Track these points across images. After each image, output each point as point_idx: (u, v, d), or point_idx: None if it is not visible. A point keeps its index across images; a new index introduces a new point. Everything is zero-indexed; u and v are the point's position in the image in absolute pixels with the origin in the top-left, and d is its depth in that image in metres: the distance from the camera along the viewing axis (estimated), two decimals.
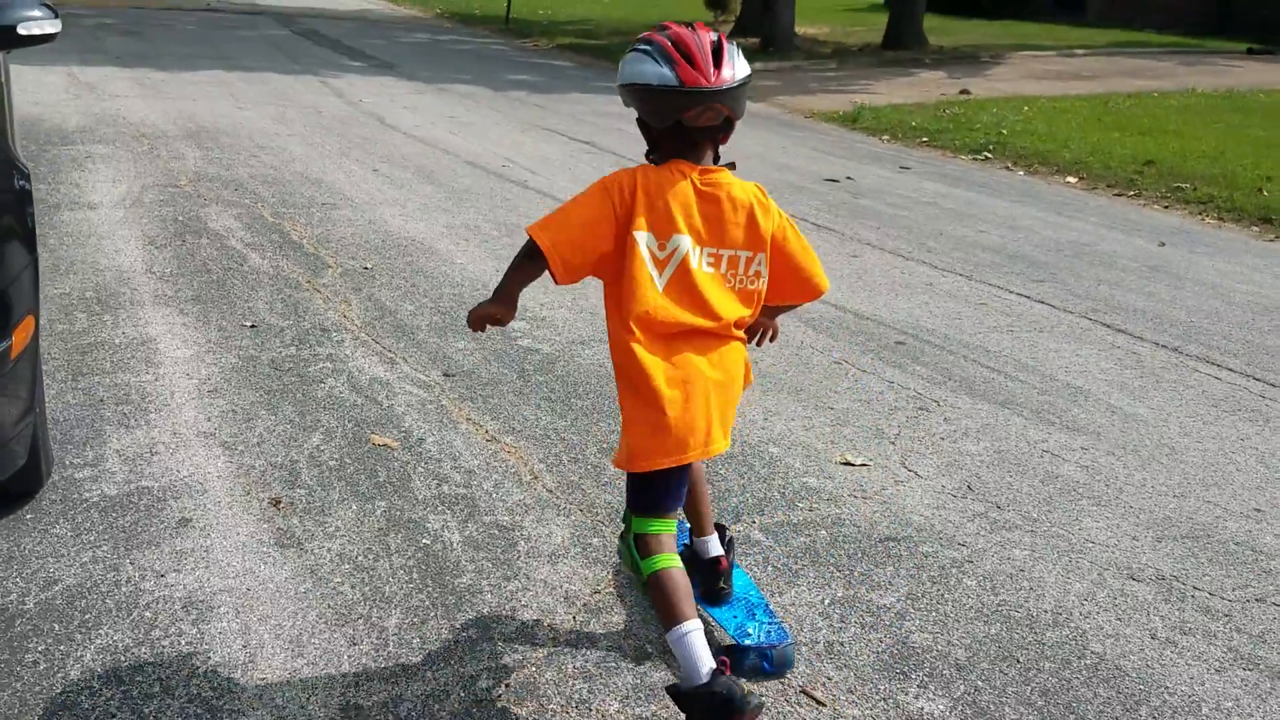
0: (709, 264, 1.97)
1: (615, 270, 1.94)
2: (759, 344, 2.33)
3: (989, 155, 9.61)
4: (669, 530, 2.02)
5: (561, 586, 2.44)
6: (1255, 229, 7.24)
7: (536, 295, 4.65)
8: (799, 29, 18.53)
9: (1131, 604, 2.52)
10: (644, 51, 1.94)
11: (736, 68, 1.92)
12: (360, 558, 2.48)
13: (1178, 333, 4.75)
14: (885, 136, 10.60)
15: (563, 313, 4.46)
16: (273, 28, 16.36)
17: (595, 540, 2.65)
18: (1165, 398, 3.94)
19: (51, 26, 3.16)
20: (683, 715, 1.87)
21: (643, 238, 1.91)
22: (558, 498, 2.86)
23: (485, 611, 2.31)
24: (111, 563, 2.38)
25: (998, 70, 16.72)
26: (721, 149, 2.03)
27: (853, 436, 3.40)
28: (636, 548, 2.03)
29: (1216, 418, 3.78)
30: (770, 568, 2.57)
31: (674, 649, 1.91)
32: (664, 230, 1.92)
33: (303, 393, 3.42)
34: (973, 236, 6.42)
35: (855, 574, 2.56)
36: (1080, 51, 19.53)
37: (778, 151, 9.22)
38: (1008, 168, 9.18)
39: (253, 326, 3.96)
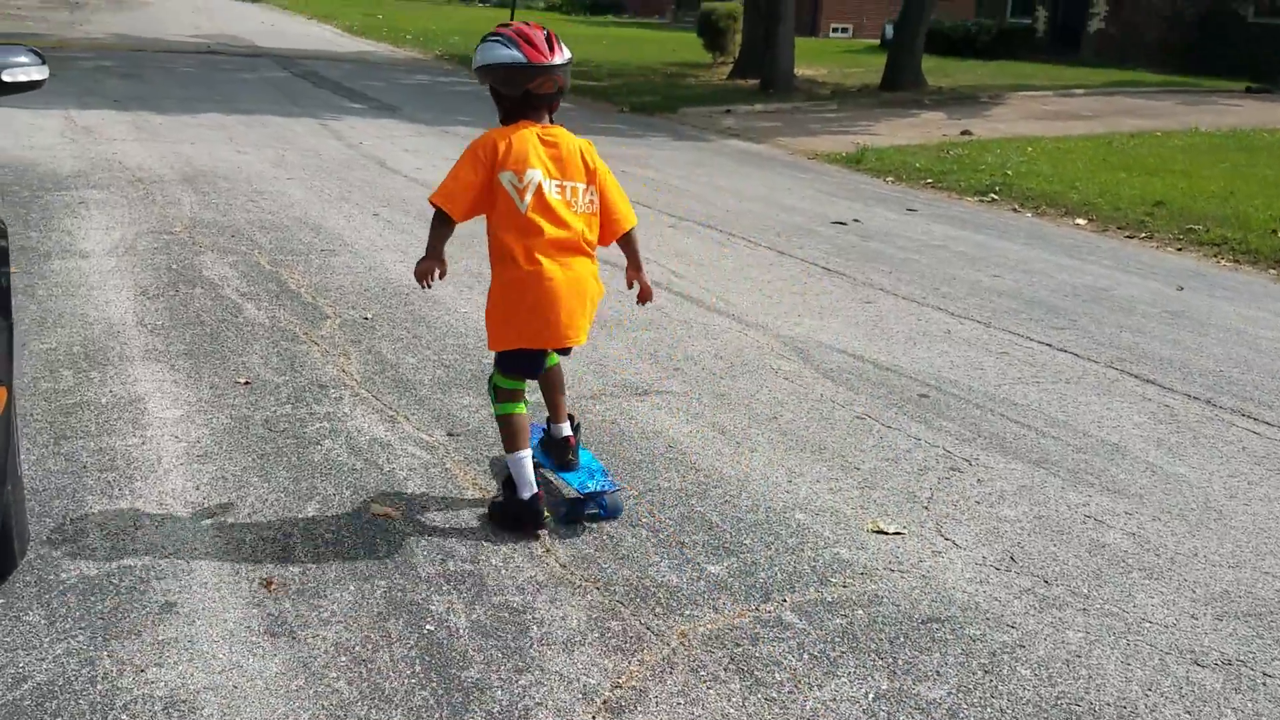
0: (556, 191, 2.77)
1: (491, 204, 2.77)
2: (640, 302, 3.22)
3: (995, 197, 9.49)
4: (519, 388, 2.93)
5: (579, 680, 2.23)
6: (1273, 272, 7.10)
7: None
8: (797, 70, 18.54)
9: (1199, 694, 2.31)
10: (497, 41, 2.71)
11: (564, 52, 2.75)
12: (358, 648, 2.28)
13: (1208, 383, 4.57)
14: (889, 178, 10.50)
15: (571, 364, 4.28)
16: (272, 70, 16.33)
17: (614, 624, 2.44)
18: (1205, 455, 3.75)
19: (38, 73, 3.00)
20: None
21: (505, 176, 2.73)
22: (571, 573, 2.66)
23: (495, 710, 2.11)
24: (88, 655, 2.17)
25: (998, 110, 16.70)
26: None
27: (883, 500, 3.21)
28: (495, 395, 2.92)
29: (1262, 477, 3.59)
30: (805, 655, 2.36)
31: (511, 468, 2.82)
32: (519, 168, 2.73)
33: (298, 456, 3.23)
34: (987, 281, 6.26)
35: (899, 662, 2.36)
36: (1078, 91, 19.56)
37: (783, 193, 9.10)
38: (1015, 209, 9.05)
39: (246, 383, 3.77)
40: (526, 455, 2.82)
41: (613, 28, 35.30)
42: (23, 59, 2.98)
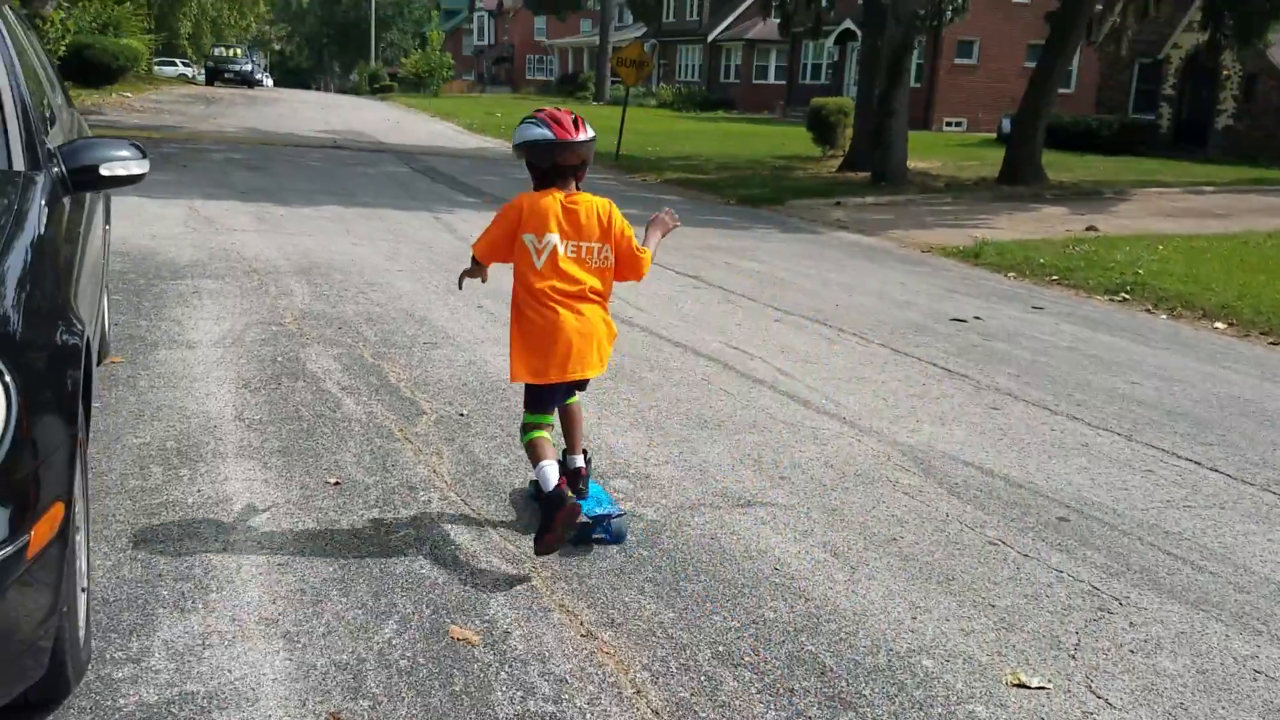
0: (571, 251, 3.21)
1: (514, 257, 3.26)
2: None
3: (1127, 296, 8.97)
4: (544, 420, 3.32)
5: None
6: None
7: (641, 449, 4.25)
8: (910, 163, 18.29)
9: None
10: (532, 122, 3.20)
11: (588, 131, 3.22)
12: None
13: None
14: (1011, 274, 10.08)
15: (669, 469, 4.04)
16: (393, 165, 16.90)
17: None
18: None
19: (138, 167, 2.97)
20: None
21: (527, 238, 3.21)
22: None
23: None
24: None
25: (1123, 207, 16.09)
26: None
27: (1023, 646, 2.83)
28: (524, 430, 3.32)
29: None
30: None
31: (538, 475, 3.17)
32: (539, 231, 3.19)
33: (380, 568, 3.04)
34: (1124, 388, 5.80)
35: None
36: (1207, 188, 18.77)
37: (896, 288, 8.79)
38: (1149, 310, 8.52)
39: (337, 483, 3.64)
40: (550, 463, 3.19)
41: (723, 123, 35.80)
42: (123, 153, 2.96)
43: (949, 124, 35.55)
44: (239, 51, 53.39)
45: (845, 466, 4.23)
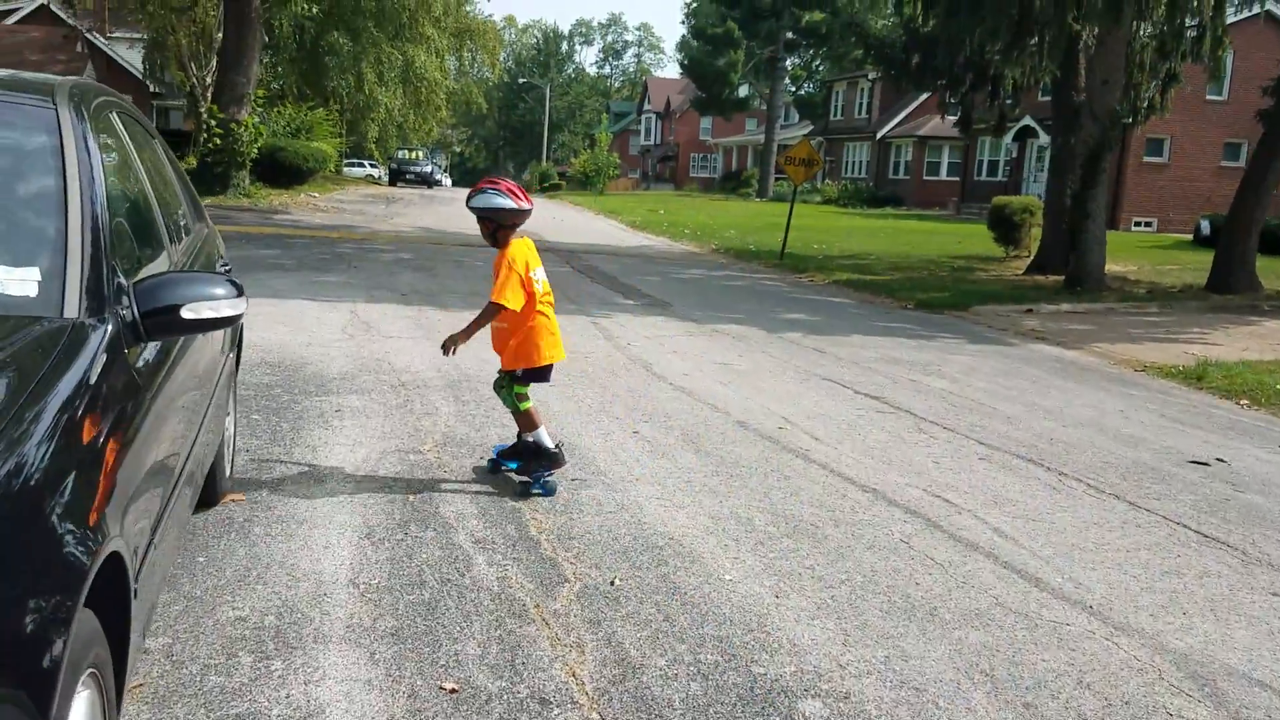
0: (540, 275, 4.75)
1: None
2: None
3: None
4: (528, 391, 4.84)
5: None
6: None
7: (834, 648, 3.36)
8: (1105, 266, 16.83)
9: None
10: (496, 192, 4.59)
11: (530, 199, 4.71)
12: None
13: None
14: (1244, 401, 8.69)
15: (874, 686, 3.14)
16: (554, 264, 16.72)
17: None
18: None
19: (230, 309, 2.38)
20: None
21: (537, 274, 4.69)
22: None
23: None
24: None
25: None
26: None
27: None
28: (519, 399, 4.80)
29: None
30: None
31: (538, 438, 4.72)
32: (532, 265, 4.68)
33: None
34: None
35: None
36: None
37: (1114, 417, 7.60)
38: None
39: (453, 691, 2.92)
40: (544, 429, 4.78)
41: (892, 219, 34.77)
42: (216, 290, 2.39)
43: (1138, 224, 33.41)
44: (420, 154, 56.28)
45: (1107, 689, 3.22)
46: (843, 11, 52.97)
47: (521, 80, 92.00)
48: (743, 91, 56.49)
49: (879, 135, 46.97)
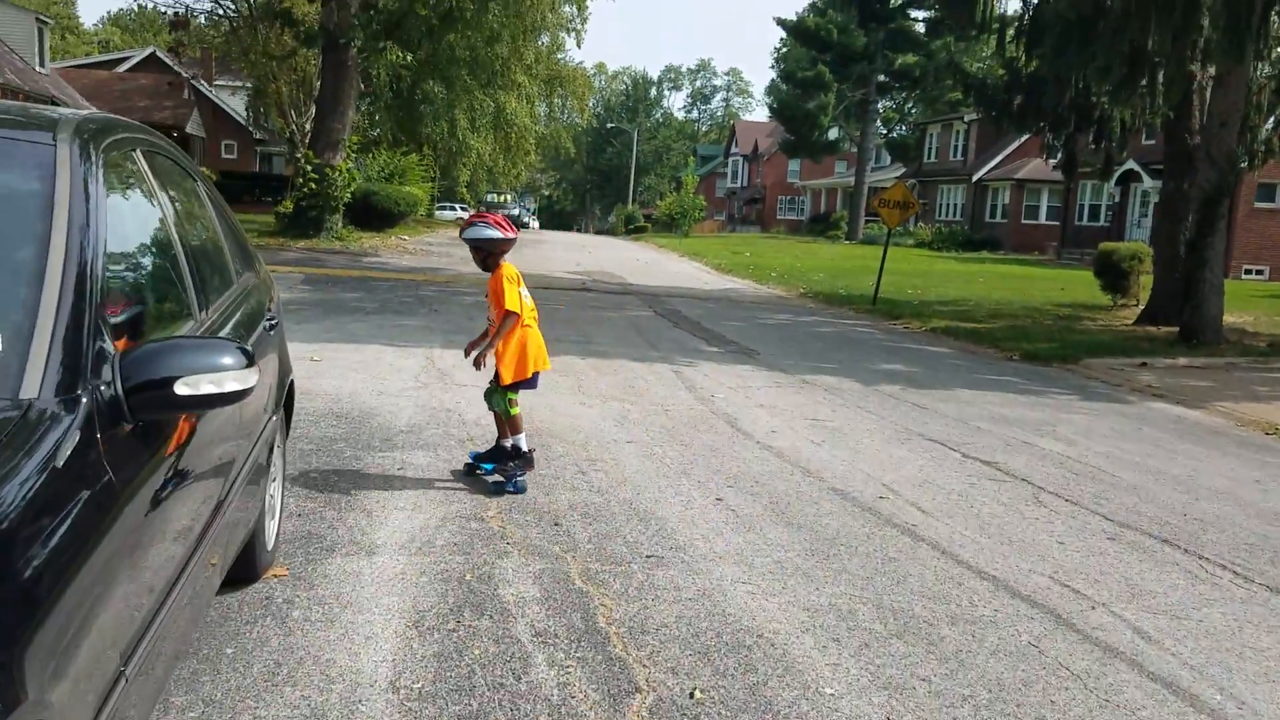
0: (528, 295, 5.41)
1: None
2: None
3: None
4: (519, 398, 5.43)
5: None
6: None
7: None
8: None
9: None
10: (485, 225, 5.26)
11: (515, 230, 5.42)
12: None
13: None
14: None
15: None
16: (637, 308, 16.35)
17: None
18: None
19: (236, 382, 1.95)
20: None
21: (524, 292, 5.35)
22: None
23: None
24: None
25: None
26: None
27: None
28: (510, 404, 5.36)
29: None
30: None
31: (517, 442, 5.31)
32: (521, 284, 5.37)
33: None
34: None
35: None
36: None
37: (1251, 488, 6.79)
38: None
39: None
40: (524, 434, 5.46)
41: (988, 264, 33.66)
42: (222, 359, 1.97)
43: (1248, 271, 31.72)
44: (509, 197, 57.01)
45: None
46: (936, 54, 52.21)
47: (610, 125, 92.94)
48: (832, 134, 55.91)
49: (975, 178, 45.82)
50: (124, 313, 2.24)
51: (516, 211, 55.32)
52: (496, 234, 5.26)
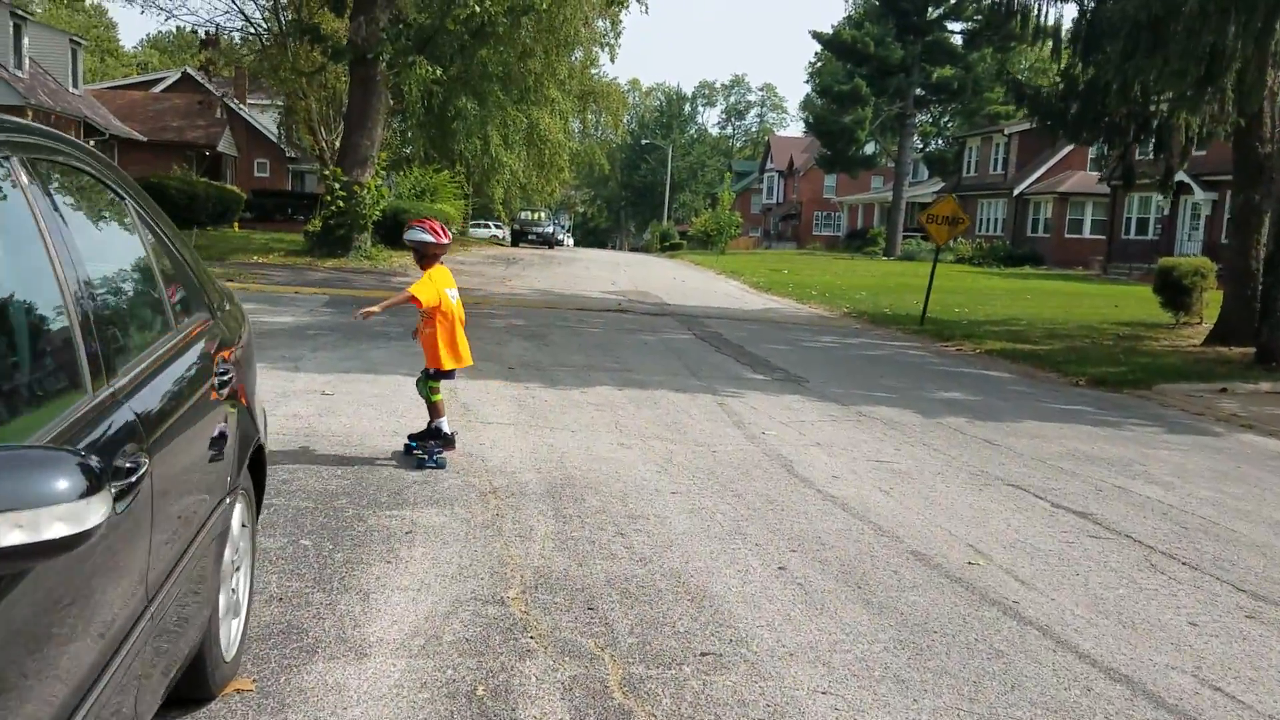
0: (455, 295, 6.17)
1: (439, 302, 6.05)
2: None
3: None
4: (439, 386, 6.22)
5: None
6: None
7: None
8: None
9: None
10: (422, 229, 6.11)
11: (449, 235, 6.27)
12: None
13: None
14: None
15: None
16: (675, 330, 15.55)
17: None
18: None
19: (63, 524, 1.16)
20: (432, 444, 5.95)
21: (448, 291, 6.10)
22: None
23: None
24: None
25: None
26: None
27: None
28: (432, 391, 6.16)
29: None
30: None
31: (440, 424, 6.09)
32: (448, 285, 6.13)
33: None
34: None
35: None
36: None
37: None
38: None
39: None
40: (445, 418, 6.19)
41: (1033, 280, 32.53)
42: (41, 488, 1.18)
43: None
44: (543, 215, 56.42)
45: None
46: (975, 66, 51.09)
47: (644, 141, 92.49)
48: (869, 149, 54.89)
49: (1016, 191, 44.65)
50: None
51: (551, 229, 54.64)
52: (428, 237, 6.09)
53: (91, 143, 34.76)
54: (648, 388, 9.73)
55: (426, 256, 6.10)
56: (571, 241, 74.11)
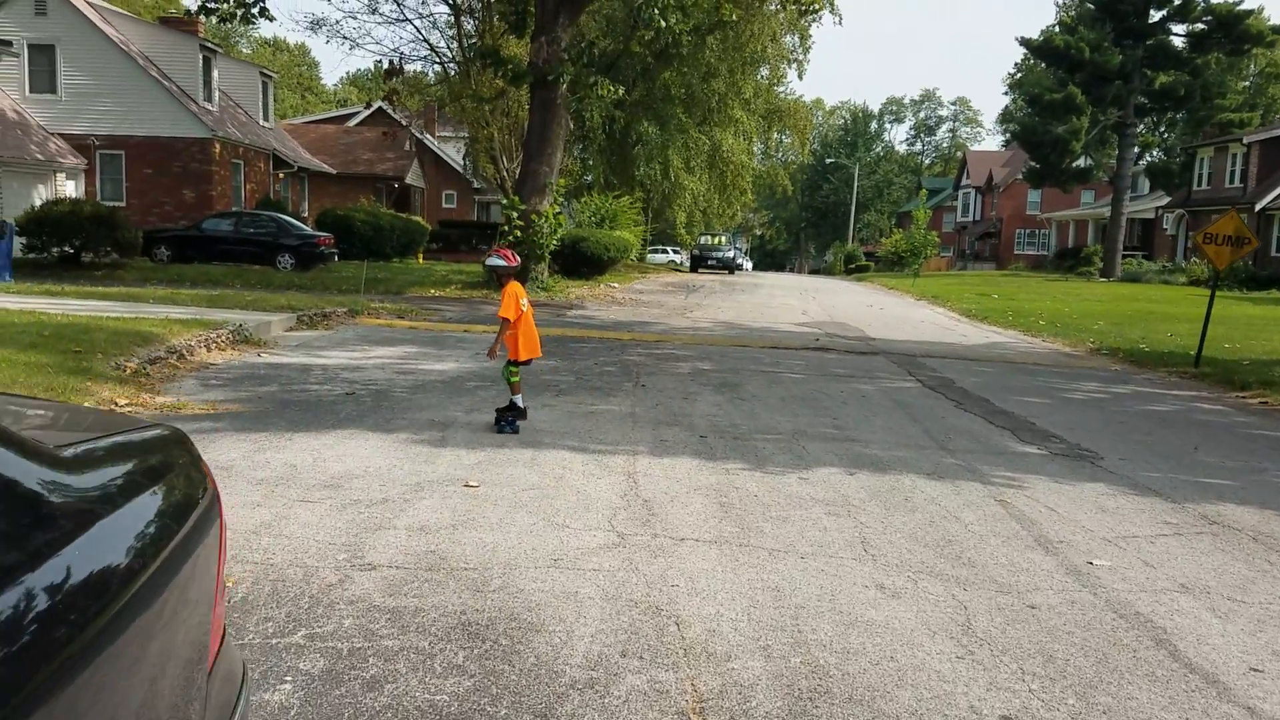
0: (527, 304, 7.94)
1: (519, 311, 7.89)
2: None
3: None
4: (518, 370, 7.99)
5: None
6: None
7: None
8: None
9: None
10: (498, 257, 7.96)
11: (517, 259, 8.07)
12: None
13: None
14: None
15: None
16: (893, 375, 12.95)
17: None
18: None
19: None
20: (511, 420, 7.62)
21: (523, 303, 7.86)
22: None
23: None
24: None
25: None
26: None
27: None
28: (512, 374, 7.93)
29: None
30: None
31: (517, 399, 7.92)
32: (522, 296, 7.89)
33: None
34: None
35: None
36: None
37: None
38: None
39: None
40: (521, 394, 7.91)
41: None
42: None
43: None
44: (722, 239, 54.46)
45: None
46: (1202, 71, 45.69)
47: (828, 160, 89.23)
48: (1082, 161, 50.04)
49: (1258, 207, 39.22)
50: None
51: (732, 254, 52.51)
52: (503, 263, 7.84)
53: (281, 175, 35.11)
54: (888, 470, 7.27)
55: (504, 276, 7.90)
56: (750, 265, 71.78)
